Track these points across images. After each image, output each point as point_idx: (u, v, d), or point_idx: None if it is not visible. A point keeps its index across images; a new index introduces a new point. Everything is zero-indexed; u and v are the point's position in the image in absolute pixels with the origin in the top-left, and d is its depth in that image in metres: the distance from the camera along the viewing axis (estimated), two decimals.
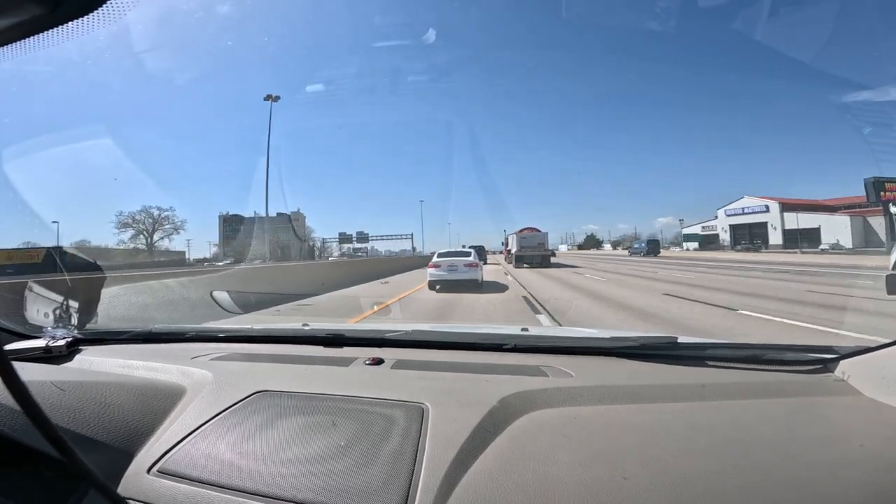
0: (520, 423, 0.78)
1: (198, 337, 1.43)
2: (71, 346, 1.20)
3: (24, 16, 0.29)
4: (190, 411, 0.86)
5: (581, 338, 1.31)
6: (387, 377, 1.06)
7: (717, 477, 0.62)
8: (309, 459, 0.69)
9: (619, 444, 0.71)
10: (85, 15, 0.31)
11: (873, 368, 0.92)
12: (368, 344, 1.32)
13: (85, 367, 1.13)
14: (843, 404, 0.86)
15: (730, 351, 1.19)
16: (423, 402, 0.85)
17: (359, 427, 0.77)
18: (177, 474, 0.69)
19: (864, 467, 0.64)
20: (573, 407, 0.84)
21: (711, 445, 0.71)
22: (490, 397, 0.86)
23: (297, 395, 0.91)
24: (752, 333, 4.66)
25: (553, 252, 36.31)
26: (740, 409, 0.85)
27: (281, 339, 1.44)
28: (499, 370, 1.06)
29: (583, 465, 0.65)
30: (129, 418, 0.80)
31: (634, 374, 1.04)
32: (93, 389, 0.82)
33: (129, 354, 1.20)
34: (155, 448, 0.75)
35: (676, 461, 0.66)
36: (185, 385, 0.97)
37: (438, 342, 1.33)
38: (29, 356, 1.12)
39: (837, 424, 0.80)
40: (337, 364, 1.15)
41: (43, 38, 0.32)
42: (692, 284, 9.99)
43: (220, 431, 0.79)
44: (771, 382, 0.98)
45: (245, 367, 1.14)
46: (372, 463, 0.67)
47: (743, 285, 9.56)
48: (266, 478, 0.66)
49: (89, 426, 0.73)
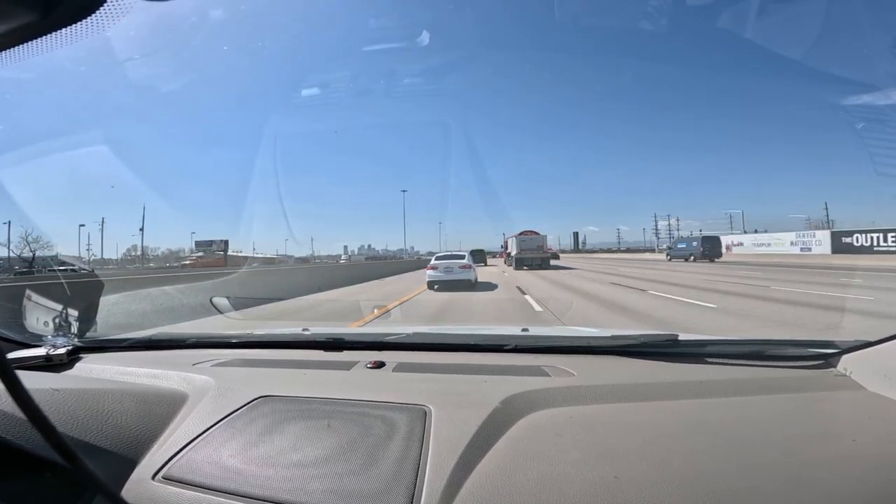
0: (523, 424, 0.78)
1: (198, 343, 1.43)
2: (71, 355, 1.20)
3: (16, 23, 0.29)
4: (192, 417, 0.86)
5: (582, 337, 1.31)
6: (388, 380, 1.06)
7: (720, 475, 0.62)
8: (313, 463, 0.69)
9: (623, 442, 0.71)
10: (77, 21, 0.31)
11: (875, 362, 0.91)
12: (369, 347, 1.32)
13: (85, 374, 1.13)
14: (846, 399, 0.86)
15: (731, 347, 1.19)
16: (425, 404, 0.85)
17: (361, 430, 0.77)
18: (181, 480, 0.69)
19: (868, 463, 0.64)
20: (575, 406, 0.84)
21: (714, 443, 0.71)
22: (492, 398, 0.85)
23: (300, 400, 0.91)
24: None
25: (556, 254, 35.62)
26: (742, 405, 0.85)
27: (281, 344, 1.43)
28: (500, 371, 1.06)
29: (587, 465, 0.65)
30: (132, 425, 0.79)
31: (637, 372, 1.04)
32: (94, 397, 0.81)
33: (129, 362, 1.20)
34: (158, 455, 0.75)
35: (680, 459, 0.66)
36: (186, 391, 0.96)
37: (439, 344, 1.32)
38: (29, 365, 1.12)
39: (840, 420, 0.80)
40: (338, 368, 1.14)
41: (35, 45, 0.32)
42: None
43: (224, 437, 0.78)
44: (772, 378, 0.98)
45: (246, 373, 1.14)
46: (376, 466, 0.67)
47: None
48: (270, 482, 0.66)
49: (92, 433, 0.73)
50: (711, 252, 23.58)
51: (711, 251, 23.67)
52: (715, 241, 25.16)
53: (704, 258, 23.17)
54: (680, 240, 29.17)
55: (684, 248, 25.98)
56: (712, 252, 23.60)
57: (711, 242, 24.58)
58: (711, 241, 24.93)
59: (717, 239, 25.90)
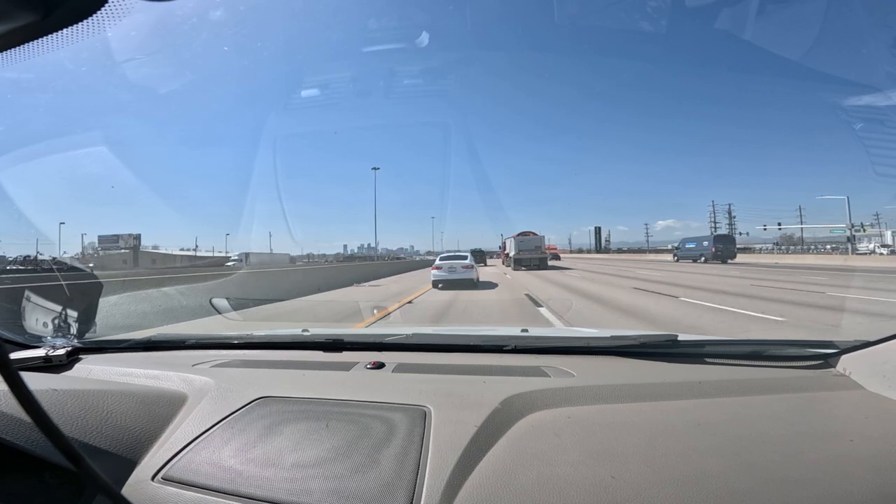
0: (522, 424, 0.78)
1: (198, 344, 1.43)
2: (71, 356, 1.20)
3: (17, 23, 0.29)
4: (192, 418, 0.86)
5: (581, 337, 1.31)
6: (388, 381, 1.06)
7: (719, 475, 0.62)
8: (313, 464, 0.69)
9: (622, 443, 0.71)
10: (78, 22, 0.31)
11: (875, 362, 0.91)
12: (369, 348, 1.32)
13: (85, 375, 1.12)
14: (845, 399, 0.86)
15: (730, 347, 1.19)
16: (425, 404, 0.85)
17: (361, 431, 0.77)
18: (181, 481, 0.69)
19: (868, 463, 0.64)
20: (575, 407, 0.84)
21: (714, 443, 0.71)
22: (492, 398, 0.85)
23: (299, 401, 0.91)
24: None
25: (556, 255, 35.15)
26: (742, 405, 0.85)
27: (281, 345, 1.43)
28: (500, 371, 1.06)
29: (587, 465, 0.65)
30: (132, 426, 0.79)
31: (636, 372, 1.04)
32: (94, 398, 0.81)
33: (129, 363, 1.19)
34: (158, 455, 0.75)
35: (680, 459, 0.66)
36: (186, 392, 0.96)
37: (439, 345, 1.32)
38: (29, 366, 1.12)
39: (840, 420, 0.80)
40: (338, 369, 1.14)
41: (36, 45, 0.32)
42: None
43: (224, 438, 0.78)
44: (772, 378, 0.98)
45: (246, 374, 1.13)
46: (376, 466, 0.67)
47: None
48: (270, 483, 0.66)
49: (91, 434, 0.73)
50: (725, 252, 20.97)
51: (725, 251, 21.06)
52: (729, 240, 22.67)
53: (716, 259, 20.58)
54: (688, 239, 25.28)
55: (693, 247, 23.22)
56: (726, 252, 20.98)
57: (725, 242, 21.87)
58: (725, 240, 22.33)
59: (732, 238, 23.54)
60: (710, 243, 21.92)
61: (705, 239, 23.16)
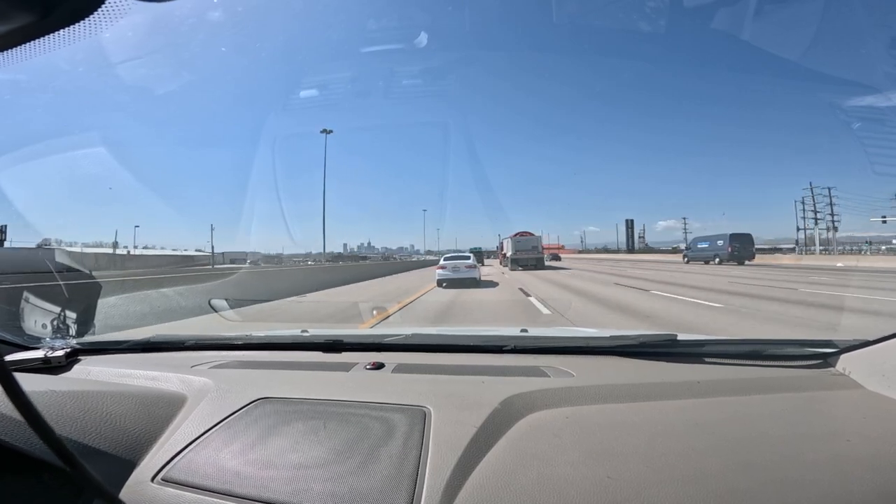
0: (522, 424, 0.78)
1: (197, 345, 1.43)
2: (70, 357, 1.20)
3: (15, 24, 0.29)
4: (191, 419, 0.85)
5: (581, 337, 1.31)
6: (388, 381, 1.05)
7: (719, 474, 0.62)
8: (312, 465, 0.69)
9: (622, 443, 0.71)
10: (75, 23, 0.31)
11: (874, 362, 0.91)
12: (368, 349, 1.32)
13: (84, 376, 1.12)
14: (845, 399, 0.86)
15: (730, 347, 1.19)
16: (424, 405, 0.85)
17: (361, 431, 0.77)
18: (180, 482, 0.69)
19: (868, 462, 0.64)
20: (575, 407, 0.84)
21: (713, 443, 0.71)
22: (492, 399, 0.85)
23: (299, 401, 0.91)
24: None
25: (556, 255, 35.08)
26: (741, 405, 0.85)
27: (280, 345, 1.43)
28: (500, 372, 1.06)
29: (587, 465, 0.65)
30: (131, 427, 0.79)
31: (636, 372, 1.04)
32: (93, 399, 0.81)
33: (128, 364, 1.19)
34: (157, 457, 0.75)
35: (679, 459, 0.66)
36: (185, 393, 0.96)
37: (438, 345, 1.32)
38: (27, 367, 1.11)
39: (839, 419, 0.80)
40: (337, 369, 1.14)
41: (35, 46, 0.32)
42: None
43: (223, 439, 0.78)
44: (771, 378, 0.98)
45: (245, 375, 1.13)
46: (375, 467, 0.67)
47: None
48: (270, 484, 0.65)
49: (90, 436, 0.73)
50: (742, 252, 19.09)
51: (742, 251, 19.12)
52: (747, 239, 20.10)
53: (732, 260, 18.81)
54: (700, 238, 23.19)
55: (706, 247, 21.17)
56: (743, 252, 19.11)
57: (742, 241, 19.57)
58: (742, 239, 19.83)
59: (749, 237, 20.70)
60: (726, 243, 20.02)
61: (720, 238, 20.97)
